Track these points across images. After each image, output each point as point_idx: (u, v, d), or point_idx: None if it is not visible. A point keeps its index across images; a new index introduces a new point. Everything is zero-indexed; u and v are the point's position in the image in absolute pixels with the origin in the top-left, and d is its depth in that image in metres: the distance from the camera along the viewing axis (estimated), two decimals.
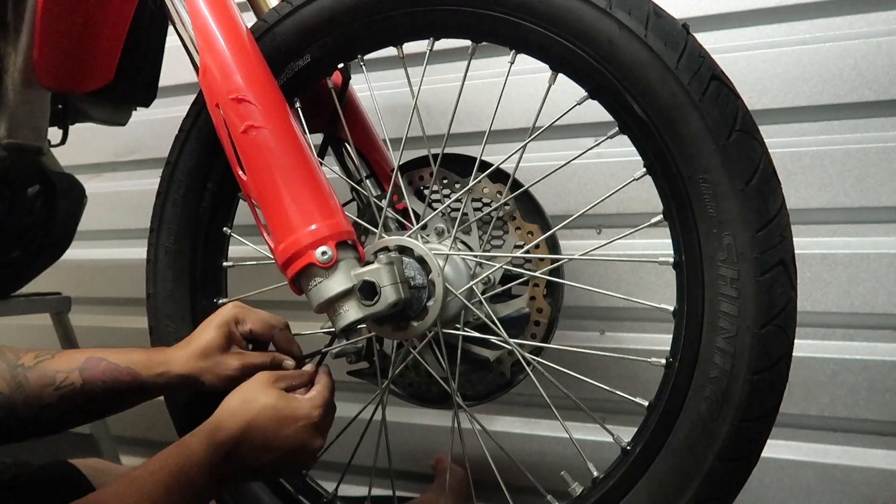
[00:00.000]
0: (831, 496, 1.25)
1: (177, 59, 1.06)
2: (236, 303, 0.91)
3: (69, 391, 0.81)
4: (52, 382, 0.81)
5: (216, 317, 0.88)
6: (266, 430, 0.74)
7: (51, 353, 0.84)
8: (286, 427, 0.75)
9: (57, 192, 1.31)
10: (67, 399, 0.82)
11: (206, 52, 0.85)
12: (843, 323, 1.26)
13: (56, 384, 0.81)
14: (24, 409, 0.80)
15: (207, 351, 0.85)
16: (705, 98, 0.74)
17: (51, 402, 0.81)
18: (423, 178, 1.07)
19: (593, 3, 0.77)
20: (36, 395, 0.80)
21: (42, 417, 0.81)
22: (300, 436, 0.76)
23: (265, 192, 0.82)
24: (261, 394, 0.77)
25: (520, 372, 1.03)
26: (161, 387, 0.85)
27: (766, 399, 0.74)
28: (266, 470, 0.77)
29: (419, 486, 1.50)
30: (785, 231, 0.73)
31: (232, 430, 0.73)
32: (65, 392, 0.81)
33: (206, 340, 0.85)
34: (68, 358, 0.83)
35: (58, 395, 0.81)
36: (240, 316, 0.88)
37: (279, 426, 0.75)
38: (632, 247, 1.32)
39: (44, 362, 0.82)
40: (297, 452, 0.77)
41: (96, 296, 1.92)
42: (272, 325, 0.90)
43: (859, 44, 1.22)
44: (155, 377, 0.84)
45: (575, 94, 0.84)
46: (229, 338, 0.86)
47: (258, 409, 0.75)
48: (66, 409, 0.82)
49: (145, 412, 1.80)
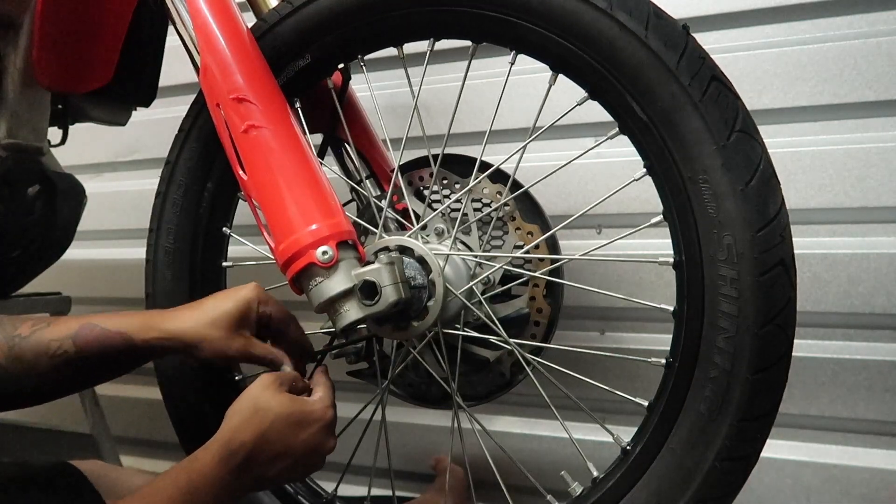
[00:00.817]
0: (831, 496, 1.25)
1: (177, 59, 1.06)
2: (257, 284, 0.87)
3: (62, 359, 0.79)
4: (45, 351, 0.79)
5: (238, 291, 0.84)
6: (284, 438, 0.73)
7: (46, 321, 0.81)
8: (303, 432, 0.75)
9: (57, 192, 1.31)
10: (61, 368, 0.79)
11: (207, 52, 0.85)
12: (843, 323, 1.26)
13: (50, 353, 0.79)
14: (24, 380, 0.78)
15: (220, 321, 0.81)
16: (705, 98, 0.74)
17: (45, 371, 0.79)
18: (422, 178, 1.07)
19: (593, 4, 0.77)
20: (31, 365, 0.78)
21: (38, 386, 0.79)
22: (316, 438, 0.76)
23: (266, 191, 0.82)
24: (272, 400, 0.74)
25: (519, 372, 1.03)
26: (155, 350, 0.82)
27: (766, 399, 0.74)
28: (281, 477, 0.76)
29: (419, 486, 1.50)
30: (785, 231, 0.73)
31: (247, 440, 0.72)
32: (58, 361, 0.79)
33: (223, 310, 0.82)
34: (62, 326, 0.81)
35: (52, 365, 0.79)
36: (262, 297, 0.85)
37: (296, 431, 0.74)
38: (632, 247, 1.32)
39: (39, 331, 0.80)
40: (312, 455, 0.76)
41: (96, 296, 1.92)
42: (289, 315, 0.88)
43: (859, 44, 1.22)
44: (149, 340, 0.80)
45: (575, 95, 0.84)
46: (245, 316, 0.83)
47: (273, 416, 0.73)
48: (61, 378, 0.80)
49: (145, 412, 1.80)
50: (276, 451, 0.73)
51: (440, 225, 1.01)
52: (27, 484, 0.87)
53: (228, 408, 0.76)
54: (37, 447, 1.71)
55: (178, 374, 1.01)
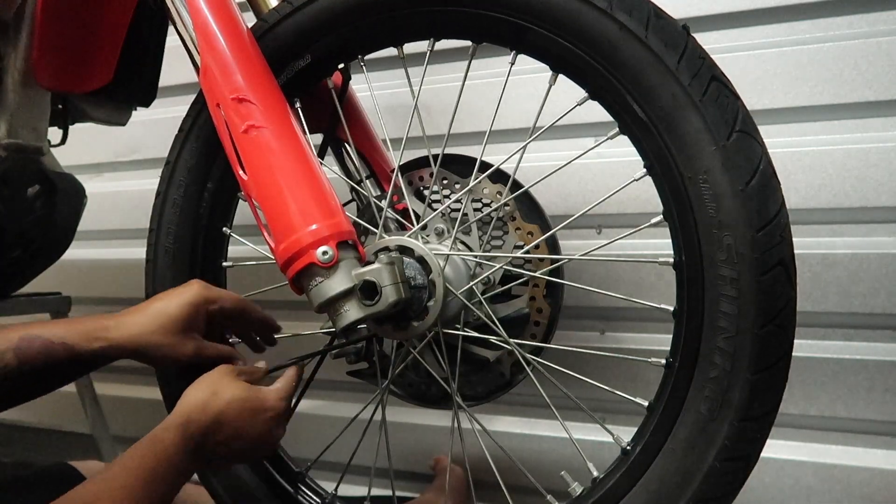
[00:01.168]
0: (831, 496, 1.25)
1: (177, 59, 1.06)
2: (201, 281, 0.87)
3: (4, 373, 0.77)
4: None
5: (183, 293, 0.84)
6: (235, 422, 0.75)
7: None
8: (254, 418, 0.77)
9: (57, 192, 1.31)
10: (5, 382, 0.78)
11: (207, 52, 0.85)
12: (843, 323, 1.25)
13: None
14: None
15: (168, 327, 0.81)
16: (706, 99, 0.74)
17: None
18: (423, 178, 1.07)
19: (594, 5, 0.77)
20: None
21: None
22: (266, 426, 0.78)
23: (266, 191, 0.82)
24: (228, 386, 0.77)
25: (519, 372, 1.03)
26: (99, 358, 0.81)
27: (767, 399, 0.74)
28: (233, 457, 0.78)
29: (419, 486, 1.50)
30: (785, 231, 0.73)
31: (203, 422, 0.74)
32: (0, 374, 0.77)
33: (169, 315, 0.82)
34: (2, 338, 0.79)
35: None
36: (211, 296, 0.85)
37: (248, 417, 0.76)
38: (632, 247, 1.32)
39: None
40: (262, 441, 0.78)
41: (96, 296, 1.92)
42: (243, 301, 0.89)
43: (859, 44, 1.22)
44: (93, 350, 0.80)
45: (575, 94, 0.84)
46: (193, 318, 0.83)
47: (227, 400, 0.75)
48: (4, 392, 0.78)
49: (145, 412, 1.80)
50: (228, 434, 0.75)
51: (440, 225, 1.01)
52: (27, 484, 0.87)
53: None
54: (37, 447, 1.71)
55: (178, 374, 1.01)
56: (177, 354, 0.82)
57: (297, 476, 1.03)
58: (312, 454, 1.06)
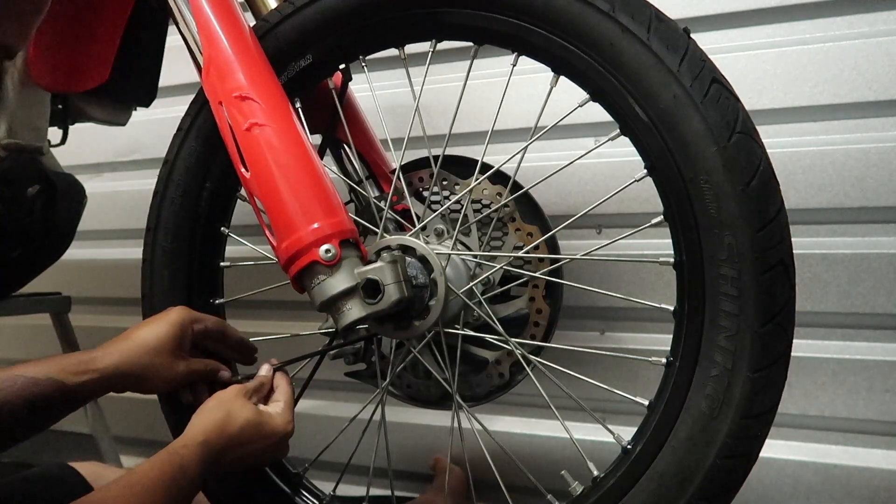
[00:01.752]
0: (831, 496, 1.25)
1: (177, 59, 1.06)
2: (182, 306, 0.89)
3: None
4: None
5: (168, 315, 0.86)
6: (247, 445, 0.79)
7: None
8: (264, 441, 0.81)
9: (57, 192, 1.31)
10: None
11: (210, 51, 0.85)
12: (843, 323, 1.26)
13: None
14: None
15: (158, 349, 0.83)
16: (706, 100, 0.74)
17: None
18: (422, 179, 1.07)
19: (596, 7, 0.78)
20: None
21: None
22: (275, 447, 0.82)
23: (268, 189, 0.82)
24: (241, 409, 0.80)
25: (519, 372, 1.03)
26: (91, 389, 0.82)
27: (767, 396, 0.75)
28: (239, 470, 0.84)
29: (418, 486, 1.50)
30: (784, 231, 0.74)
31: (220, 444, 0.77)
32: None
33: (157, 337, 0.83)
34: None
35: None
36: (194, 316, 0.88)
37: (258, 440, 0.80)
38: (632, 247, 1.32)
39: None
40: (267, 459, 0.84)
41: (96, 296, 1.91)
42: (222, 322, 0.92)
43: (859, 44, 1.22)
44: (83, 382, 0.80)
45: (575, 95, 0.84)
46: (182, 338, 0.85)
47: (240, 425, 0.78)
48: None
49: (145, 412, 1.80)
50: (239, 454, 0.79)
51: (440, 226, 1.01)
52: (27, 484, 0.87)
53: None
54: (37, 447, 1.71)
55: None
56: (169, 374, 0.84)
57: (295, 477, 1.03)
58: (311, 454, 1.05)
